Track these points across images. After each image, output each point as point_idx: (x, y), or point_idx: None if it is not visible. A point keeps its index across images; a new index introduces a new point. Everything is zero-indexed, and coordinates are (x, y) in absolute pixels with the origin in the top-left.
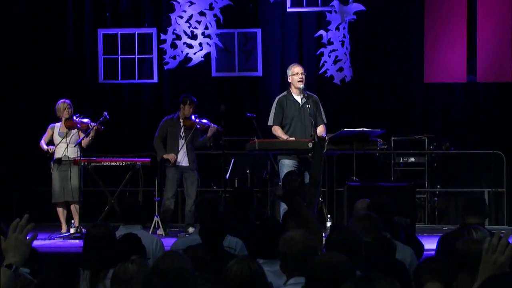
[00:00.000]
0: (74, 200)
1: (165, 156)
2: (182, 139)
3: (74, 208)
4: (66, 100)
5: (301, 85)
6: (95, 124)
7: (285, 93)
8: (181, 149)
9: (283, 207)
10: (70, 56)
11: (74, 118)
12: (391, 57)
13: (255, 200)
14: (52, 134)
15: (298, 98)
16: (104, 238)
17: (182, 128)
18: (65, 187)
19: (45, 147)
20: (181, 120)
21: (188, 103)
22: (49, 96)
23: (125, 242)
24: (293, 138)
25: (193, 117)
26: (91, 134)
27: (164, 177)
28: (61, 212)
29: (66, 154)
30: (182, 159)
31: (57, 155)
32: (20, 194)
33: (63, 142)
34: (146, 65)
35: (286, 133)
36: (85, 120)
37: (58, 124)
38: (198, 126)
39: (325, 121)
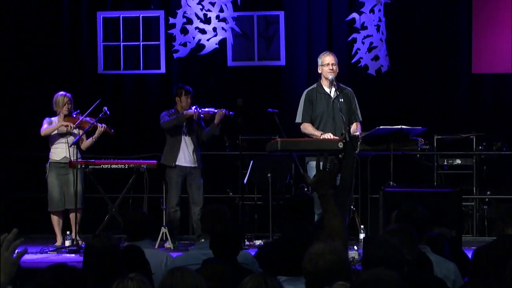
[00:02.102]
0: (77, 206)
1: (187, 113)
2: (186, 135)
3: (74, 217)
4: (67, 94)
5: (331, 76)
6: (93, 121)
7: (314, 85)
8: (185, 147)
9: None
10: (65, 43)
11: (74, 115)
12: (434, 44)
13: (314, 211)
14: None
15: (329, 91)
16: (106, 250)
17: (184, 123)
18: (66, 193)
19: (57, 125)
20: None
21: (183, 94)
22: (40, 89)
23: (126, 255)
24: (329, 134)
25: (193, 108)
26: (95, 135)
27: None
28: (56, 221)
29: (67, 156)
30: (186, 158)
31: (55, 156)
32: (8, 201)
33: (62, 142)
34: (152, 53)
35: None
36: (88, 119)
37: (55, 119)
38: (202, 116)
39: (361, 118)
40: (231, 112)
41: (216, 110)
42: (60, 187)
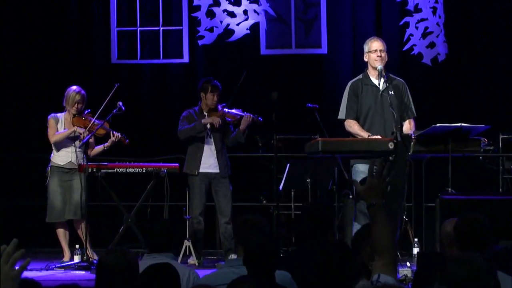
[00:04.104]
0: (81, 217)
1: (205, 121)
2: (210, 137)
3: (81, 228)
4: (81, 91)
5: (379, 65)
6: (101, 122)
7: (360, 76)
8: (209, 151)
9: (356, 227)
10: (73, 29)
11: (84, 116)
12: (499, 29)
13: (335, 221)
14: (57, 129)
15: (377, 82)
16: (121, 267)
17: (208, 124)
18: (69, 202)
19: (72, 129)
20: (205, 113)
21: (210, 90)
22: (45, 82)
23: (156, 274)
24: (378, 136)
25: (219, 107)
26: (107, 144)
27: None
28: (62, 234)
29: (71, 160)
30: (210, 163)
31: (58, 160)
32: (9, 210)
33: (69, 145)
34: (174, 40)
35: None
36: (98, 121)
37: (61, 116)
38: (228, 119)
39: (414, 114)
40: (260, 118)
41: (243, 114)
42: (63, 194)
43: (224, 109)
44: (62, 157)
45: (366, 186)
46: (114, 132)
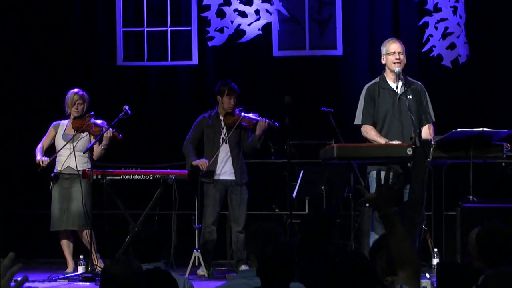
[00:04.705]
0: (79, 228)
1: (194, 163)
2: (226, 143)
3: (86, 237)
4: (79, 91)
5: (397, 68)
6: (104, 123)
7: (377, 79)
8: (225, 157)
9: (374, 237)
10: (77, 30)
11: (85, 117)
12: None
13: (336, 229)
14: (55, 136)
15: (394, 86)
16: (126, 277)
17: (224, 128)
18: (67, 211)
19: (38, 157)
20: (222, 117)
21: (226, 93)
22: (48, 86)
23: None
24: (397, 142)
25: (237, 111)
26: (103, 142)
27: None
28: (65, 244)
29: (69, 165)
30: (226, 170)
31: (58, 165)
32: (10, 218)
33: (66, 148)
34: (182, 41)
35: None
36: (99, 121)
37: (65, 123)
38: (243, 123)
39: (433, 118)
40: (276, 123)
41: (259, 119)
42: (61, 203)
43: (242, 113)
44: (60, 162)
45: (375, 195)
46: (106, 127)
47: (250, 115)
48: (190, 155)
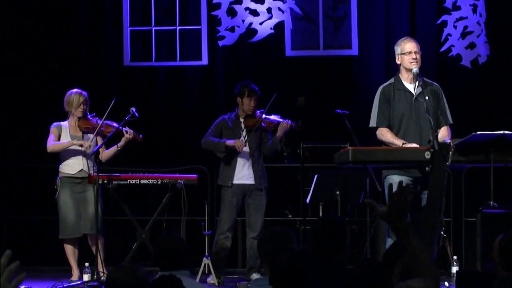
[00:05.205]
0: (97, 231)
1: (229, 143)
2: (245, 146)
3: (97, 244)
4: (83, 92)
5: (414, 68)
6: (117, 126)
7: (392, 80)
8: (245, 160)
9: (390, 242)
10: (82, 29)
11: (90, 118)
12: None
13: (348, 236)
14: (59, 137)
15: (410, 87)
16: (131, 285)
17: (244, 131)
18: (84, 215)
19: (66, 142)
20: (242, 120)
21: (246, 94)
22: (53, 88)
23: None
24: (414, 145)
25: (258, 113)
26: (120, 143)
27: (218, 201)
28: (71, 251)
29: (85, 169)
30: (245, 174)
31: (69, 170)
32: (13, 225)
33: (78, 152)
34: (192, 41)
35: None
36: (114, 123)
37: (65, 124)
38: (263, 124)
39: (451, 120)
40: (299, 124)
41: (281, 120)
42: (77, 208)
43: (262, 115)
44: (72, 166)
45: (386, 209)
46: (128, 129)
47: (272, 116)
48: (217, 141)
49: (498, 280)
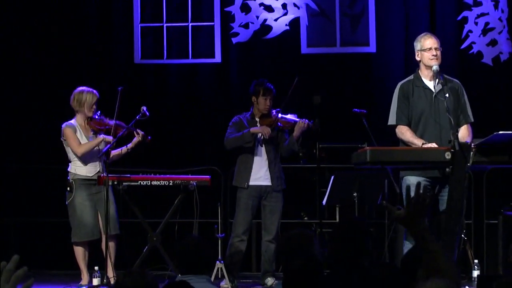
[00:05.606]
0: (116, 231)
1: (254, 130)
2: (262, 146)
3: (110, 247)
4: (94, 91)
5: (435, 65)
6: (127, 126)
7: (411, 77)
8: (261, 161)
9: (408, 247)
10: (92, 26)
11: (101, 118)
12: None
13: (370, 239)
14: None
15: (430, 84)
16: None
17: (255, 136)
18: (103, 217)
19: (95, 141)
20: (257, 119)
21: (262, 93)
22: (61, 86)
23: None
24: (433, 145)
25: (273, 112)
26: (129, 145)
27: (231, 203)
28: (81, 254)
29: (99, 170)
30: (261, 175)
31: (83, 171)
32: (21, 228)
33: (95, 154)
34: (205, 37)
35: None
36: (119, 122)
37: (74, 123)
38: (279, 124)
39: (472, 119)
40: (315, 124)
41: (297, 120)
42: (94, 209)
43: (278, 114)
44: (89, 168)
45: (404, 212)
46: (138, 131)
47: (288, 116)
48: (240, 133)
49: (496, 282)
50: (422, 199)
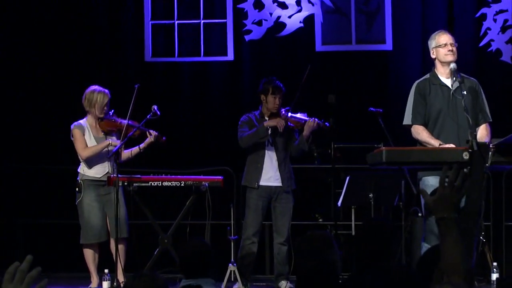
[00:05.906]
0: (126, 235)
1: (268, 124)
2: (271, 145)
3: (119, 250)
4: (106, 91)
5: (452, 64)
6: (138, 126)
7: (427, 75)
8: (271, 161)
9: (425, 248)
10: (102, 23)
11: (114, 118)
12: None
13: (395, 241)
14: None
15: (447, 81)
16: None
17: (270, 130)
18: (111, 219)
19: (101, 145)
20: (266, 118)
21: (271, 92)
22: (71, 84)
23: None
24: (450, 145)
25: (283, 111)
26: (142, 145)
27: (244, 204)
28: (91, 256)
29: (109, 171)
30: (271, 175)
31: (92, 172)
32: (30, 229)
33: (104, 155)
34: (217, 35)
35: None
36: (131, 122)
37: (84, 123)
38: (289, 123)
39: (490, 118)
40: (326, 123)
41: (307, 118)
42: (102, 211)
43: (288, 113)
44: (98, 169)
45: (436, 197)
46: (151, 131)
47: (298, 115)
48: (255, 129)
49: (497, 281)
50: (460, 181)
